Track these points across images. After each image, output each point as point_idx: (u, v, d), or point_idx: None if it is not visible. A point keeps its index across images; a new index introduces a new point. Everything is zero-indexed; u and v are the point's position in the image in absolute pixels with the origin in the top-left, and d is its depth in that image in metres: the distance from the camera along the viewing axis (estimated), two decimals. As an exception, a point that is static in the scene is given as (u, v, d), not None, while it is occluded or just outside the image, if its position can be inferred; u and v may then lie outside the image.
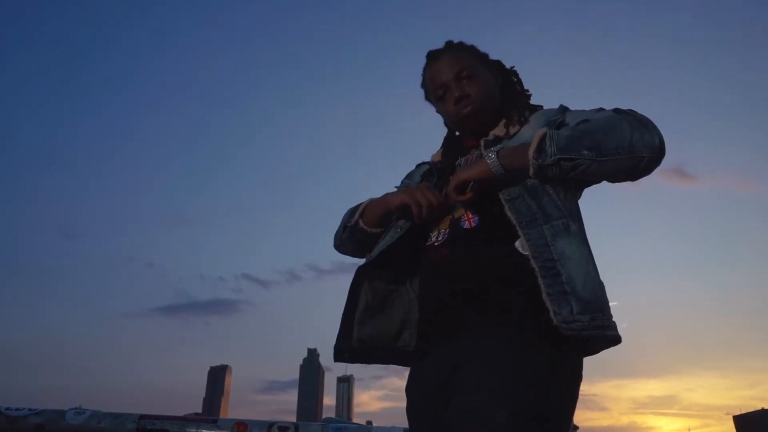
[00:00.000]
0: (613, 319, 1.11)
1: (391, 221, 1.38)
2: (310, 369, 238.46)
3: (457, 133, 1.49)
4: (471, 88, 1.36)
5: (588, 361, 1.16)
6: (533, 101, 1.45)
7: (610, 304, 1.13)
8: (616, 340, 1.11)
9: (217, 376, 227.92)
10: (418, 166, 1.54)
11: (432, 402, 1.15)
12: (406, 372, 1.33)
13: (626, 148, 1.12)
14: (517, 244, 1.14)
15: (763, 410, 75.41)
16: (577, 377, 1.13)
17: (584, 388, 1.15)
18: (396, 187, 1.48)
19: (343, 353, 1.31)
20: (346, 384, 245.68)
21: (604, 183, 1.23)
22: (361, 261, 1.40)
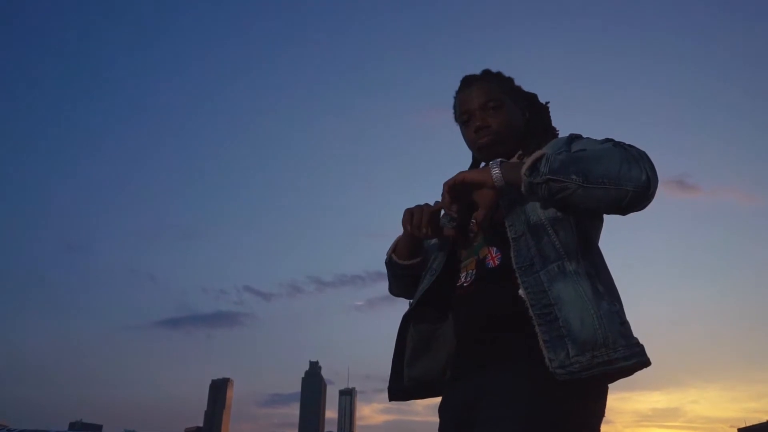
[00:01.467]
0: (637, 344, 1.13)
1: (418, 252, 1.47)
2: (312, 382, 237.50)
3: (483, 164, 1.51)
4: (493, 119, 1.41)
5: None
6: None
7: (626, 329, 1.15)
8: (641, 365, 1.13)
9: (219, 389, 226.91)
10: None
11: (458, 427, 1.25)
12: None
13: (612, 178, 1.13)
14: (520, 291, 1.19)
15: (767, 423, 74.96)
16: (597, 412, 1.18)
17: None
18: None
19: (396, 393, 1.41)
20: (348, 397, 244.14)
21: None
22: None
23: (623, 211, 1.19)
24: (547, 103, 1.52)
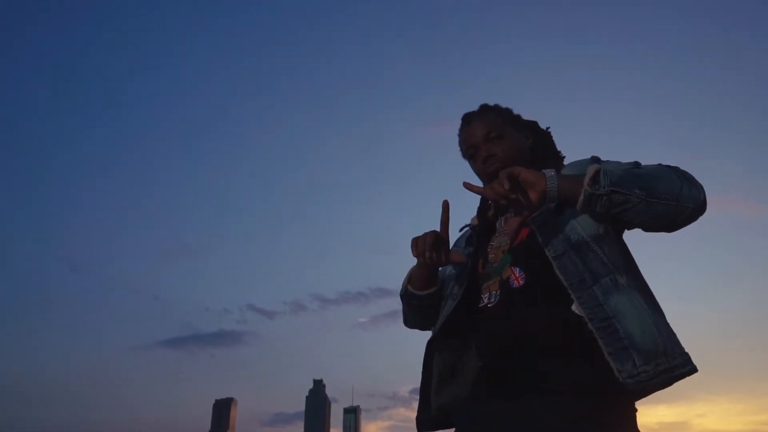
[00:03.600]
0: (686, 353, 1.16)
1: (434, 281, 1.48)
2: (316, 400, 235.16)
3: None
4: (498, 148, 1.43)
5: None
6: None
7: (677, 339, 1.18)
8: (692, 371, 1.15)
9: (223, 409, 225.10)
10: (461, 230, 1.62)
11: None
12: (412, 401, 1.57)
13: (675, 195, 1.17)
14: (573, 307, 1.19)
15: (777, 436, 73.78)
16: None
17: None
18: None
19: (425, 423, 1.41)
20: (352, 415, 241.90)
21: None
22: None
23: (675, 228, 1.22)
24: (547, 128, 1.54)
